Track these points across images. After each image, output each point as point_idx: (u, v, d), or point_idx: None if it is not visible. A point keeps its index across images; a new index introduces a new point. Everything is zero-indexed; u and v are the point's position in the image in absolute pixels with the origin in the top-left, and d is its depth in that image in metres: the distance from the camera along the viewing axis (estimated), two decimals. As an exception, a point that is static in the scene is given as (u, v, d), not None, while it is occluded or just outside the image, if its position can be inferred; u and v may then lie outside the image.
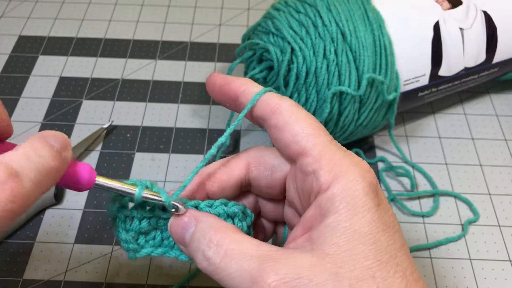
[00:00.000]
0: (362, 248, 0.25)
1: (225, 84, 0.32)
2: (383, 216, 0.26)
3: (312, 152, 0.28)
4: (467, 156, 0.52)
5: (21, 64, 0.59)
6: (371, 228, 0.26)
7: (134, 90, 0.57)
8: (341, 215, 0.26)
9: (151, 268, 0.43)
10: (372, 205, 0.26)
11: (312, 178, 0.27)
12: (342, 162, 0.27)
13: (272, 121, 0.30)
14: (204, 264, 0.27)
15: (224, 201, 0.31)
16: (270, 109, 0.30)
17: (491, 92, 0.58)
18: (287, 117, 0.29)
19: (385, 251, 0.25)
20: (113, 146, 0.52)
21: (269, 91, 0.31)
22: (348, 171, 0.27)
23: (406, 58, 0.46)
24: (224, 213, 0.31)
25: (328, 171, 0.27)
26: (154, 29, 0.64)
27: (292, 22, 0.45)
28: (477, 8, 0.48)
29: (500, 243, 0.46)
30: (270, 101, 0.30)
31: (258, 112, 0.30)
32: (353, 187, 0.26)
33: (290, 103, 0.30)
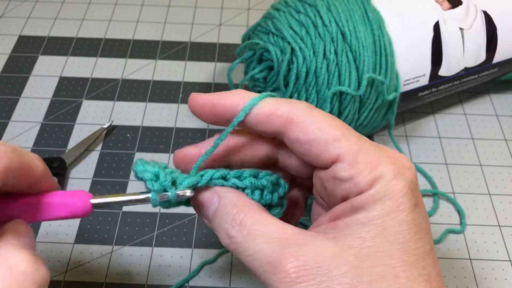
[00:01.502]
0: (389, 247, 0.25)
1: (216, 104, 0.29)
2: (417, 217, 0.26)
3: (347, 157, 0.26)
4: (467, 156, 0.52)
5: (21, 64, 0.59)
6: (402, 229, 0.25)
7: (134, 90, 0.57)
8: (374, 213, 0.25)
9: (151, 268, 0.43)
10: (409, 206, 0.25)
11: (349, 184, 0.26)
12: (380, 161, 0.26)
13: (291, 135, 0.27)
14: (226, 242, 0.27)
15: (254, 171, 0.29)
16: (283, 121, 0.27)
17: (491, 92, 0.58)
18: (306, 125, 0.27)
19: (413, 252, 0.25)
20: (113, 146, 0.52)
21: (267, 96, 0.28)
22: (387, 171, 0.25)
23: (406, 58, 0.46)
24: (252, 185, 0.29)
25: (367, 174, 0.25)
26: (154, 29, 0.64)
27: (292, 22, 0.45)
28: (477, 8, 0.48)
29: (500, 243, 0.46)
30: (279, 111, 0.27)
31: (270, 128, 0.28)
32: (391, 188, 0.25)
33: (302, 106, 0.27)
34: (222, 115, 0.29)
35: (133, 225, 0.46)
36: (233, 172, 0.29)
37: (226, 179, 0.29)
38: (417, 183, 0.27)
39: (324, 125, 0.27)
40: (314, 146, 0.27)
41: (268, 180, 0.29)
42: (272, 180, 0.30)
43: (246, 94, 0.28)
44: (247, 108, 0.27)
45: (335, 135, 0.26)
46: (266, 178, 0.29)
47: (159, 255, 0.44)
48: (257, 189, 0.29)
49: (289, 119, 0.27)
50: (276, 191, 0.30)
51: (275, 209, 0.31)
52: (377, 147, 0.27)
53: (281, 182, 0.30)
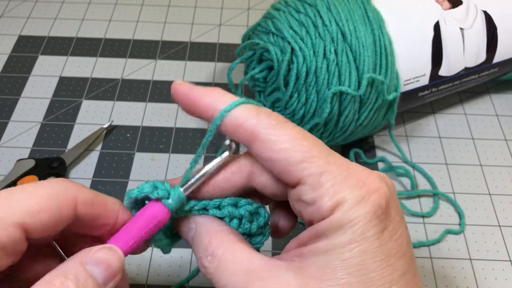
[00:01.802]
0: (349, 279, 0.24)
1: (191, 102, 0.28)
2: (385, 243, 0.24)
3: (309, 181, 0.25)
4: (467, 156, 0.52)
5: (21, 64, 0.59)
6: (363, 259, 0.24)
7: (134, 90, 0.57)
8: (335, 242, 0.24)
9: (151, 268, 0.43)
10: (373, 233, 0.24)
11: (312, 208, 0.25)
12: (344, 185, 0.25)
13: (255, 151, 0.26)
14: (203, 270, 0.27)
15: (234, 200, 0.29)
16: (249, 135, 0.26)
17: (491, 92, 0.58)
18: (270, 144, 0.25)
19: (377, 283, 0.24)
20: (113, 146, 0.52)
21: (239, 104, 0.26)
22: (350, 196, 0.24)
23: (406, 58, 0.46)
24: (230, 214, 0.29)
25: (329, 200, 0.24)
26: (154, 29, 0.64)
27: (292, 22, 0.45)
28: (477, 8, 0.48)
29: (500, 243, 0.46)
30: (246, 124, 0.26)
31: (239, 138, 0.27)
32: (354, 214, 0.24)
33: (269, 122, 0.26)
34: (197, 113, 0.28)
35: (133, 225, 0.46)
36: (213, 201, 0.29)
37: (206, 210, 0.29)
38: (389, 205, 0.25)
39: (291, 145, 0.25)
40: (277, 165, 0.26)
41: (247, 209, 0.29)
42: (251, 210, 0.29)
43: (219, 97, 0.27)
44: (218, 120, 0.27)
45: (300, 156, 0.25)
46: (245, 207, 0.29)
47: (159, 255, 0.44)
48: (235, 218, 0.29)
49: (255, 134, 0.26)
50: (256, 220, 0.30)
51: (256, 238, 0.30)
52: (346, 168, 0.25)
53: (261, 211, 0.30)
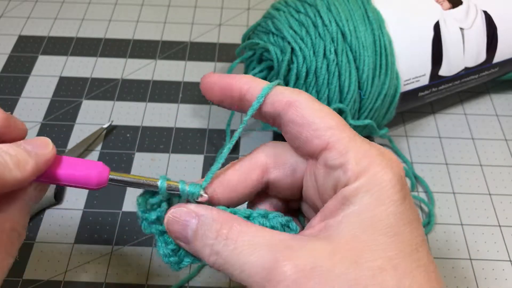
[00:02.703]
0: (384, 239, 0.24)
1: (227, 83, 0.30)
2: (407, 209, 0.25)
3: (338, 146, 0.26)
4: (467, 156, 0.52)
5: (21, 64, 0.59)
6: (395, 220, 0.25)
7: (134, 90, 0.57)
8: (364, 206, 0.25)
9: (151, 268, 0.43)
10: (398, 197, 0.25)
11: (339, 173, 0.26)
12: (369, 153, 0.26)
13: (289, 116, 0.28)
14: (212, 259, 0.26)
15: (264, 212, 0.29)
16: (285, 103, 0.28)
17: (491, 92, 0.58)
18: (305, 111, 0.27)
19: (408, 243, 0.25)
20: (113, 146, 0.52)
21: (277, 85, 0.29)
22: (376, 163, 0.26)
23: (406, 58, 0.46)
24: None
25: (356, 164, 0.26)
26: (154, 29, 0.64)
27: (292, 22, 0.45)
28: (477, 8, 0.48)
29: (500, 243, 0.45)
30: (284, 95, 0.28)
31: (271, 108, 0.28)
32: (380, 178, 0.25)
33: (306, 96, 0.28)
34: (229, 94, 0.30)
35: (133, 225, 0.46)
36: (242, 211, 0.28)
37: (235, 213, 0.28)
38: (405, 177, 0.27)
39: (321, 114, 0.27)
40: (307, 129, 0.27)
41: (278, 221, 0.28)
42: (282, 222, 0.29)
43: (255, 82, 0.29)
44: (261, 97, 0.28)
45: (329, 124, 0.27)
46: (276, 219, 0.28)
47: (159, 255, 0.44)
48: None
49: (290, 103, 0.28)
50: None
51: None
52: (368, 142, 0.27)
53: (292, 225, 0.29)
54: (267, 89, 0.28)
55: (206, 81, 0.31)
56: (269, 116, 0.29)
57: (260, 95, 0.28)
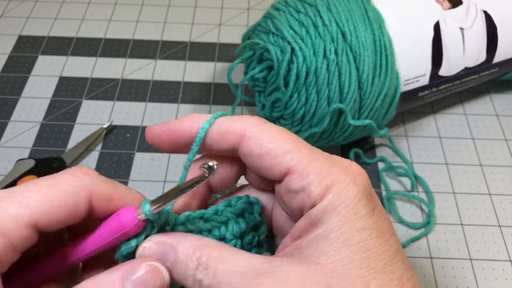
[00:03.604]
0: (354, 257, 0.24)
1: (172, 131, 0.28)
2: (377, 221, 0.25)
3: (298, 169, 0.26)
4: (467, 156, 0.52)
5: (21, 64, 0.59)
6: (363, 236, 0.25)
7: (134, 90, 0.57)
8: (332, 225, 0.25)
9: (151, 268, 0.43)
10: (365, 212, 0.25)
11: (302, 195, 0.26)
12: (331, 171, 0.26)
13: (244, 149, 0.27)
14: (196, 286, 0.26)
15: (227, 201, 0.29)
16: (237, 137, 0.27)
17: (491, 92, 0.58)
18: (258, 139, 0.27)
19: (379, 258, 0.25)
20: (113, 146, 0.52)
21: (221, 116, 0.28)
22: (339, 180, 0.25)
23: (406, 58, 0.46)
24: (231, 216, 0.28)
25: (318, 185, 0.25)
26: (154, 29, 0.64)
27: (292, 22, 0.45)
28: (477, 8, 0.48)
29: (500, 243, 0.45)
30: (232, 127, 0.27)
31: (225, 145, 0.27)
32: (344, 196, 0.25)
33: (254, 122, 0.27)
34: (179, 140, 0.29)
35: (133, 225, 0.46)
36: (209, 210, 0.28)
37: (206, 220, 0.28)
38: (372, 189, 0.27)
39: (276, 139, 0.27)
40: (266, 159, 0.26)
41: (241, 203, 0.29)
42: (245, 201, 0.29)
43: (198, 117, 0.28)
44: (203, 131, 0.27)
45: (286, 148, 0.26)
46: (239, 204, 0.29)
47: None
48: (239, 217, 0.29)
49: (242, 134, 0.27)
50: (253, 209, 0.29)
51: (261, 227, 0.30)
52: (329, 158, 0.27)
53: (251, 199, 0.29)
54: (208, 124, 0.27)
55: (150, 135, 0.29)
56: (226, 152, 0.28)
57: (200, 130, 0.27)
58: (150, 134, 0.29)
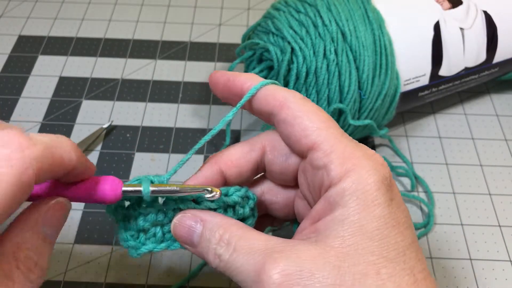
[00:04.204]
0: (368, 243, 0.25)
1: (229, 80, 0.31)
2: (394, 211, 0.26)
3: (323, 146, 0.27)
4: (467, 156, 0.52)
5: (20, 64, 0.59)
6: (379, 224, 0.25)
7: (134, 90, 0.57)
8: (350, 209, 0.25)
9: (151, 268, 0.43)
10: (383, 200, 0.25)
11: (323, 173, 0.27)
12: (354, 155, 0.27)
13: (281, 116, 0.29)
14: (216, 262, 0.28)
15: (225, 189, 0.30)
16: (277, 103, 0.29)
17: (491, 92, 0.58)
18: (295, 111, 0.28)
19: (393, 247, 0.25)
20: (113, 146, 0.52)
21: (272, 83, 0.30)
22: (360, 165, 0.26)
23: (406, 58, 0.46)
24: (224, 204, 0.30)
25: (339, 164, 0.26)
26: (154, 29, 0.64)
27: (292, 22, 0.45)
28: (477, 8, 0.48)
29: (500, 243, 0.45)
30: (277, 95, 0.29)
31: (265, 105, 0.30)
32: (364, 181, 0.26)
33: (298, 96, 0.29)
34: (231, 90, 0.31)
35: (133, 225, 0.46)
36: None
37: (197, 202, 0.30)
38: (393, 180, 0.27)
39: (312, 114, 0.28)
40: (296, 129, 0.28)
41: (238, 195, 0.30)
42: (242, 195, 0.31)
43: (254, 78, 0.31)
44: (254, 90, 0.30)
45: (318, 124, 0.28)
46: (236, 194, 0.30)
47: (159, 255, 0.44)
48: (229, 207, 0.30)
49: (283, 103, 0.29)
50: (247, 203, 0.31)
51: (247, 220, 0.32)
52: (355, 143, 0.28)
53: (249, 194, 0.31)
54: (261, 85, 0.30)
55: (211, 79, 0.32)
56: (264, 114, 0.30)
57: (253, 88, 0.30)
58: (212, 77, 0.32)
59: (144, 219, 0.30)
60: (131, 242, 0.31)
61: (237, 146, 0.32)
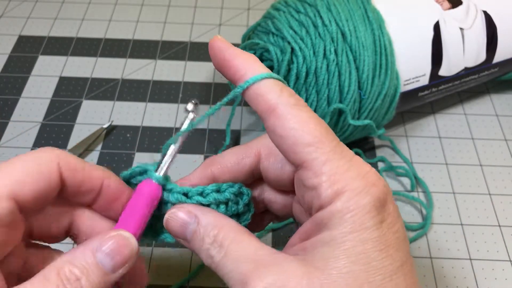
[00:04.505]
0: (353, 267, 0.24)
1: (224, 60, 0.28)
2: (384, 234, 0.25)
3: (313, 166, 0.25)
4: (467, 156, 0.52)
5: (21, 64, 0.59)
6: (366, 247, 0.24)
7: (134, 90, 0.57)
8: (337, 232, 0.25)
9: (151, 268, 0.43)
10: (372, 224, 0.25)
11: (313, 194, 0.26)
12: (346, 176, 0.25)
13: (270, 123, 0.27)
14: (208, 261, 0.27)
15: (216, 186, 0.30)
16: (267, 108, 0.27)
17: (491, 92, 0.58)
18: (285, 120, 0.26)
19: (378, 272, 0.24)
20: (113, 146, 0.52)
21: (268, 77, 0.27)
22: (351, 186, 0.25)
23: (406, 58, 0.46)
24: (215, 201, 0.29)
25: (329, 187, 0.25)
26: (154, 29, 0.64)
27: (292, 22, 0.45)
28: (477, 8, 0.48)
29: (500, 243, 0.45)
30: (268, 97, 0.27)
31: (255, 107, 0.27)
32: (354, 204, 0.25)
33: (290, 101, 0.26)
34: (225, 71, 0.29)
35: (133, 225, 0.46)
36: (196, 189, 0.30)
37: (188, 197, 0.30)
38: (387, 199, 0.26)
39: (303, 127, 0.26)
40: (286, 143, 0.26)
41: (231, 192, 0.30)
42: (235, 191, 0.30)
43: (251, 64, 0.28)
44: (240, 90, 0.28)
45: (309, 140, 0.26)
46: (229, 190, 0.30)
47: (159, 255, 0.44)
48: (222, 203, 0.30)
49: (273, 108, 0.26)
50: (241, 199, 0.31)
51: (243, 216, 0.31)
52: (349, 161, 0.26)
53: (243, 190, 0.31)
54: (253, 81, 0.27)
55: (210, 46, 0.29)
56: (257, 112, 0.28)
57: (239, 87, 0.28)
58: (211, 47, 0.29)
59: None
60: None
61: (232, 151, 0.32)
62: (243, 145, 0.32)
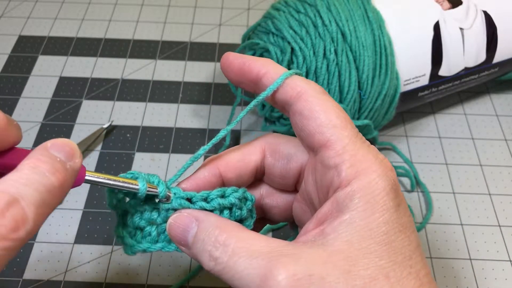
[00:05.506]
0: (376, 248, 0.25)
1: (244, 64, 0.30)
2: (401, 217, 0.26)
3: (336, 146, 0.27)
4: (467, 156, 0.52)
5: (21, 64, 0.59)
6: (387, 228, 0.25)
7: (134, 90, 0.57)
8: (359, 213, 0.25)
9: (151, 268, 0.43)
10: (392, 205, 0.25)
11: (333, 173, 0.26)
12: (366, 158, 0.26)
13: (297, 107, 0.28)
14: (211, 265, 0.26)
15: (221, 191, 0.30)
16: (295, 94, 0.28)
17: (491, 92, 0.58)
18: (313, 104, 0.28)
19: (400, 252, 0.25)
20: (113, 146, 0.52)
21: (294, 74, 0.29)
22: (371, 169, 0.26)
23: (406, 58, 0.46)
24: (220, 206, 0.29)
25: (350, 166, 0.26)
26: (154, 29, 0.64)
27: (292, 22, 0.45)
28: (477, 8, 0.48)
29: (500, 243, 0.46)
30: (296, 85, 0.28)
31: (282, 96, 0.29)
32: (374, 185, 0.25)
33: (317, 89, 0.28)
34: (245, 74, 0.30)
35: (133, 225, 0.46)
36: (200, 194, 0.29)
37: (192, 202, 0.29)
38: (398, 186, 0.27)
39: (330, 111, 0.28)
40: (312, 124, 0.27)
41: (235, 197, 0.30)
42: (239, 196, 0.30)
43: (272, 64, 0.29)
44: (274, 86, 0.29)
45: (334, 122, 0.27)
46: (233, 195, 0.30)
47: (159, 255, 0.44)
48: (226, 208, 0.30)
49: (300, 94, 0.28)
50: (244, 205, 0.30)
51: (245, 222, 0.31)
52: (369, 146, 0.27)
53: (247, 195, 0.31)
54: (286, 75, 0.29)
55: (224, 61, 0.31)
56: (279, 103, 0.29)
57: (278, 79, 0.29)
58: (224, 61, 0.31)
59: (140, 217, 0.30)
60: (127, 239, 0.30)
61: (236, 148, 0.32)
62: (246, 143, 0.32)
